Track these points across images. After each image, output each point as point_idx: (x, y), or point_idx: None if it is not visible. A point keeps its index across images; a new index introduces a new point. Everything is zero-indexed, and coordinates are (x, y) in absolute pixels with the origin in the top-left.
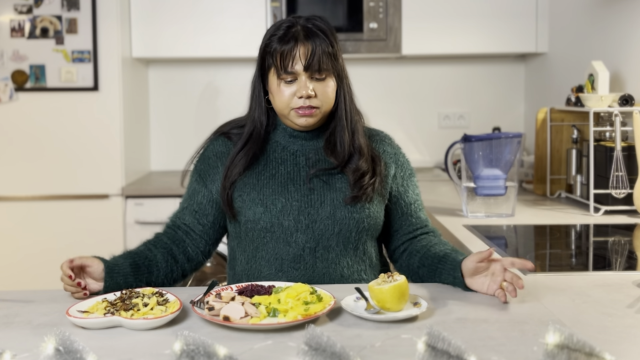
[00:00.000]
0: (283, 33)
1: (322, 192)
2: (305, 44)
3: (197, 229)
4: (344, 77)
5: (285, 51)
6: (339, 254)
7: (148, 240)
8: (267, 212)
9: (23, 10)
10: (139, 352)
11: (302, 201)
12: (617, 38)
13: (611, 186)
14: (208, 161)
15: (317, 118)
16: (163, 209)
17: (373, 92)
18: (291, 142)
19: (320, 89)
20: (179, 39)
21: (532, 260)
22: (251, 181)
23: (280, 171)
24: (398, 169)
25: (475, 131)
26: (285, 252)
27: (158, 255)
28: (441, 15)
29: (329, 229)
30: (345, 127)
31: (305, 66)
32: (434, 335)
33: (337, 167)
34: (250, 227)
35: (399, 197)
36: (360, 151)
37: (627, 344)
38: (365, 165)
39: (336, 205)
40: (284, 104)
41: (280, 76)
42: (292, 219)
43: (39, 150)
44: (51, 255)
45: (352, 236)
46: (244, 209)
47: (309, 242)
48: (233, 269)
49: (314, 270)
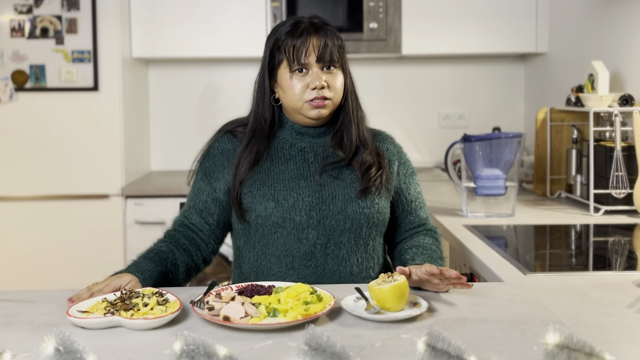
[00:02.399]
0: (292, 28)
1: (333, 187)
2: (317, 36)
3: (205, 228)
4: (348, 72)
5: (297, 44)
6: (349, 250)
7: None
8: (279, 207)
9: (23, 10)
10: (139, 352)
11: (314, 197)
12: (617, 38)
13: (611, 186)
14: (214, 158)
15: (329, 110)
16: (163, 209)
17: (373, 92)
18: (298, 139)
19: (331, 81)
20: (179, 39)
21: (532, 260)
22: (261, 177)
23: (290, 167)
24: (401, 166)
25: (475, 131)
26: (296, 248)
27: (179, 258)
28: (441, 15)
29: (340, 224)
30: (352, 120)
31: (318, 57)
32: (434, 335)
33: (344, 159)
34: (261, 223)
35: (400, 194)
36: (365, 144)
37: (627, 344)
38: (371, 157)
39: (347, 201)
40: (297, 97)
41: (292, 69)
42: (304, 214)
43: (38, 150)
44: (51, 255)
45: (363, 231)
46: (254, 205)
47: (320, 238)
48: (239, 268)
49: (325, 267)
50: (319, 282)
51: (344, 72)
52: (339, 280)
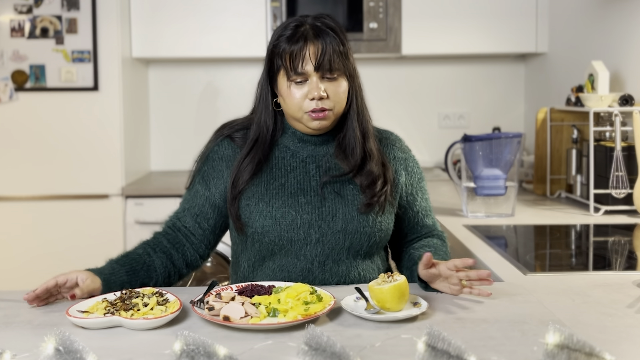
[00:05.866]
0: (291, 33)
1: (334, 204)
2: (315, 43)
3: (198, 232)
4: (355, 76)
5: (294, 51)
6: (349, 265)
7: (147, 241)
8: (277, 225)
9: (23, 10)
10: (139, 352)
11: (313, 214)
12: (617, 38)
13: (611, 186)
14: (213, 164)
15: (331, 120)
16: (163, 209)
17: (373, 92)
18: (300, 147)
19: (332, 90)
20: (179, 39)
21: (532, 260)
22: (259, 190)
23: (290, 180)
24: (408, 176)
25: (475, 131)
26: (293, 265)
27: (157, 260)
28: (441, 15)
29: (339, 242)
30: (357, 128)
31: (316, 66)
32: (434, 335)
33: (347, 174)
34: (257, 239)
35: (407, 207)
36: (371, 155)
37: (627, 344)
38: (377, 169)
39: (348, 219)
40: (296, 107)
41: (290, 77)
42: (302, 232)
43: (39, 150)
44: (51, 255)
45: (363, 249)
46: (251, 221)
47: (318, 256)
48: (236, 274)
49: (323, 283)
50: None
51: (350, 77)
52: None
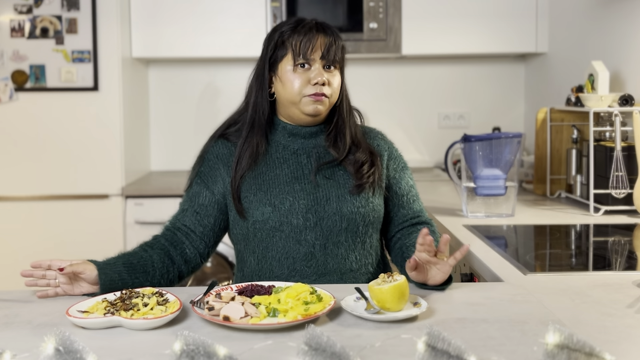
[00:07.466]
0: (297, 25)
1: (327, 188)
2: (324, 35)
3: (198, 230)
4: (344, 75)
5: (304, 40)
6: (347, 248)
7: (145, 242)
8: (276, 211)
9: (23, 10)
10: (139, 352)
11: (309, 199)
12: (617, 38)
13: (611, 186)
14: (209, 163)
15: (326, 107)
16: (163, 209)
17: (373, 92)
18: (291, 141)
19: (331, 80)
20: (179, 39)
21: (532, 260)
22: (257, 182)
23: (284, 170)
24: (391, 161)
25: (475, 131)
26: (296, 250)
27: (154, 255)
28: (441, 15)
29: (337, 224)
30: (346, 119)
31: (323, 54)
32: (434, 335)
33: (337, 159)
34: (259, 227)
35: (391, 188)
36: (358, 144)
37: (627, 344)
38: (364, 156)
39: (342, 201)
40: (297, 91)
41: (296, 62)
42: (301, 217)
43: (38, 150)
44: (51, 255)
45: (360, 230)
46: (251, 210)
47: (318, 239)
48: (241, 271)
49: (325, 266)
50: (320, 280)
51: (342, 74)
52: (339, 277)
